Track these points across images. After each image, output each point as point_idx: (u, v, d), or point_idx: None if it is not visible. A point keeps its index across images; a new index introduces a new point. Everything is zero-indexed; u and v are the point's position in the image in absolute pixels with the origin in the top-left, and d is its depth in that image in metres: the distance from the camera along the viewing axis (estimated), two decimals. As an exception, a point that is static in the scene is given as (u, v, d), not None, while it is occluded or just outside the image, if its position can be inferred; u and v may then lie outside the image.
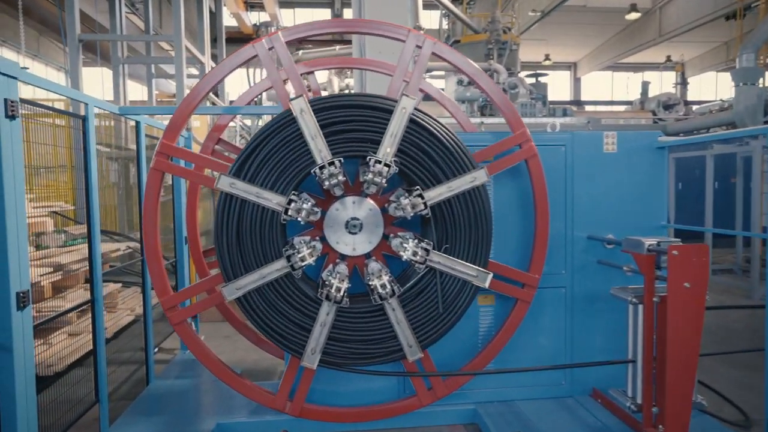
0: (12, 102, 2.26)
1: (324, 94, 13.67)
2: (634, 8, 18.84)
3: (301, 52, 12.07)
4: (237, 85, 20.29)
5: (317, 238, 3.16)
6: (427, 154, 3.02)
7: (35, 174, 5.86)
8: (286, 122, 2.94)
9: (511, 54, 13.93)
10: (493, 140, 3.52)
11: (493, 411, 3.50)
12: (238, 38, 20.71)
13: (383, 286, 2.98)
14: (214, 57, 13.16)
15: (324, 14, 24.26)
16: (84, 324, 4.91)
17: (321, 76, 12.77)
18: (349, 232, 3.15)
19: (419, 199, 2.96)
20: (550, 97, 25.64)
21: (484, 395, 3.64)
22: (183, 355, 4.84)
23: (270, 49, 3.10)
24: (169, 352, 5.35)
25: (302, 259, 2.91)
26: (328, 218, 3.12)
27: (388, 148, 2.94)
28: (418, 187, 2.99)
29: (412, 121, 2.99)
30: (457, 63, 3.30)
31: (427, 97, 4.13)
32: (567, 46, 26.40)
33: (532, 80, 15.99)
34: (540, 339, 3.71)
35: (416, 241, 3.03)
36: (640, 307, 3.04)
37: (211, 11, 14.56)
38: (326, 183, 2.91)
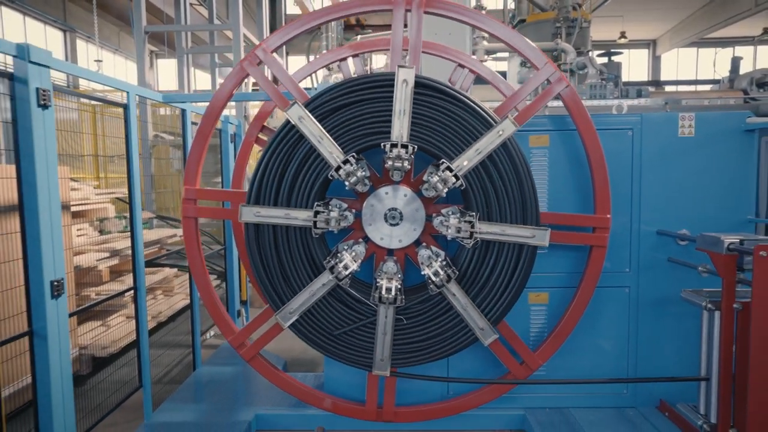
0: (44, 91, 2.26)
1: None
2: (724, -23, 17.12)
3: (359, 37, 11.91)
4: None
5: (360, 239, 3.01)
6: (446, 119, 2.75)
7: (103, 162, 6.14)
8: (289, 132, 2.78)
9: (581, 32, 13.01)
10: (552, 126, 3.23)
11: (543, 418, 3.23)
12: (302, 26, 20.94)
13: (436, 273, 2.77)
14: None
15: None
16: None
17: (380, 61, 12.55)
18: (390, 225, 2.96)
19: (447, 171, 2.71)
20: (626, 78, 23.98)
21: (535, 401, 3.38)
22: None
23: (259, 64, 2.97)
24: (220, 338, 5.44)
25: (345, 267, 2.76)
26: (365, 216, 2.95)
27: (399, 129, 2.71)
28: (443, 159, 2.74)
29: (419, 86, 2.73)
30: (453, 14, 2.97)
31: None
32: (646, 22, 24.54)
33: (605, 59, 14.96)
34: (599, 343, 3.38)
35: (458, 216, 2.79)
36: (717, 314, 2.65)
37: (272, -1, 14.70)
38: (347, 183, 2.73)
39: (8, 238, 2.25)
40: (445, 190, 2.73)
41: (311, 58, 12.66)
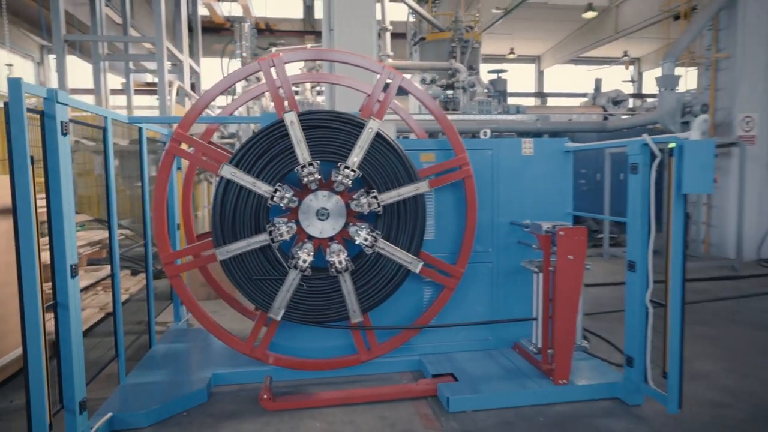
0: (65, 123, 3.02)
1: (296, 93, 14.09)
2: (590, 7, 19.98)
3: (274, 49, 12.69)
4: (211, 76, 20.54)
5: (293, 221, 3.99)
6: (386, 164, 3.88)
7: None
8: (278, 128, 3.77)
9: (473, 52, 14.84)
10: (436, 146, 4.43)
11: (433, 360, 4.44)
12: (210, 27, 21.02)
13: (340, 262, 3.84)
14: (189, 47, 13.69)
15: (296, 3, 24.60)
16: (87, 300, 5.65)
17: (294, 69, 13.41)
18: (319, 219, 3.99)
19: (374, 199, 3.83)
20: (516, 89, 26.61)
21: (428, 349, 4.58)
22: (175, 326, 5.62)
23: (271, 67, 3.89)
24: (163, 325, 6.11)
25: (281, 235, 3.76)
26: (303, 206, 3.96)
27: (355, 158, 3.79)
28: (374, 190, 3.85)
29: (378, 135, 3.84)
30: (419, 96, 4.19)
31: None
32: (531, 40, 27.48)
33: (494, 76, 16.96)
34: (471, 304, 4.65)
35: (369, 230, 3.89)
36: (540, 275, 4.00)
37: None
38: (305, 179, 3.75)
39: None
40: (368, 210, 3.85)
41: (225, 60, 13.28)
